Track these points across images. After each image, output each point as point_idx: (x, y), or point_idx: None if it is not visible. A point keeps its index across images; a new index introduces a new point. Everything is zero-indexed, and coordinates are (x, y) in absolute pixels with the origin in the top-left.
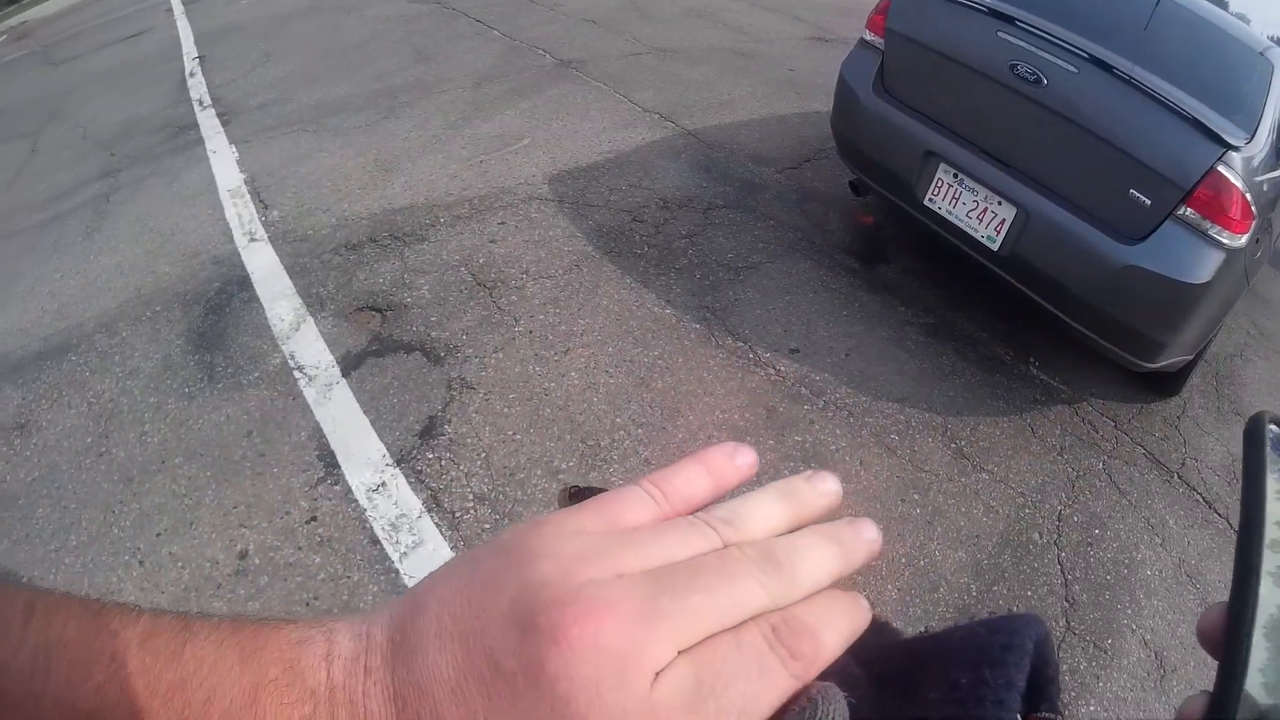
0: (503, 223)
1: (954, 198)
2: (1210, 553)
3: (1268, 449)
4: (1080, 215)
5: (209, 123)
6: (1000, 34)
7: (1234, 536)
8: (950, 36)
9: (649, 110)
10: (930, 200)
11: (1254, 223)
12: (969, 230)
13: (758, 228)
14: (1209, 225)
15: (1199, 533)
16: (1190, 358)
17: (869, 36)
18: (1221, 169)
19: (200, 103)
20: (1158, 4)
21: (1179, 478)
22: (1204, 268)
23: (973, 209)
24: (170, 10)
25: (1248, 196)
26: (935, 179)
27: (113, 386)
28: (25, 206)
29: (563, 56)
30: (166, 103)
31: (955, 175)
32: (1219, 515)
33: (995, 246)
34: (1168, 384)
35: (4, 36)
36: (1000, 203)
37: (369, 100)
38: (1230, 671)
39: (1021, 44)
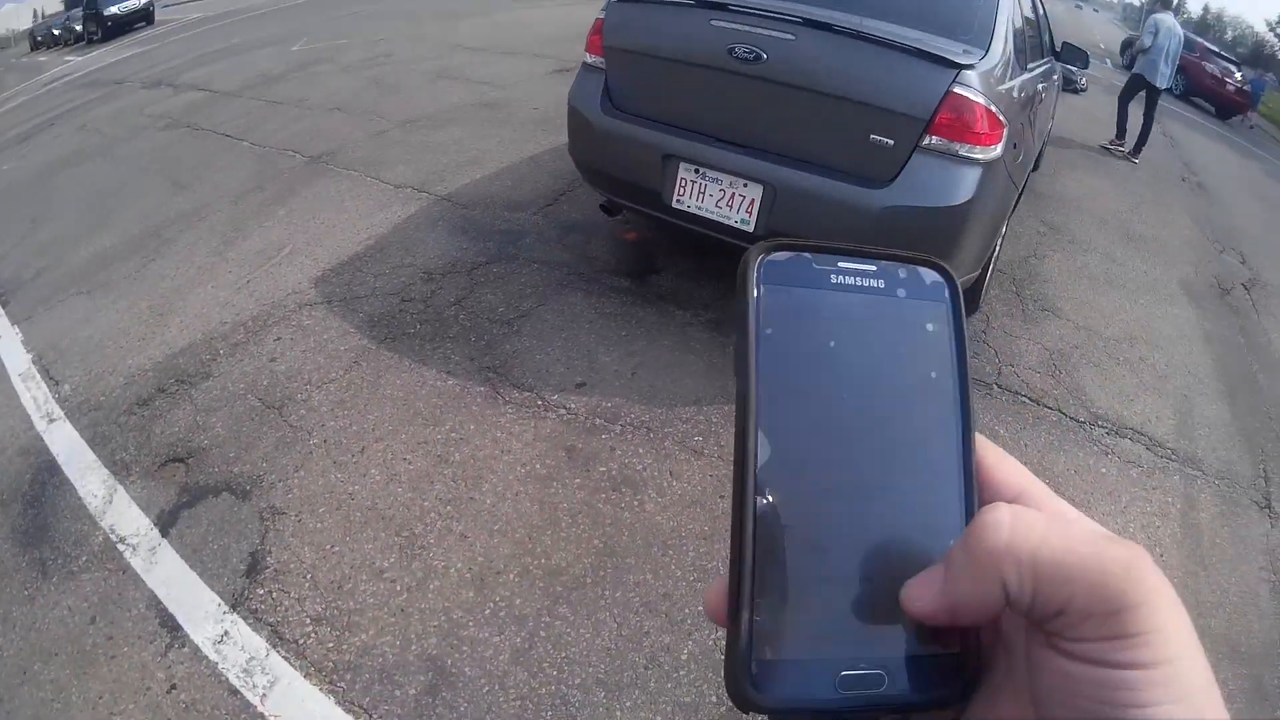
0: (279, 339)
1: (700, 192)
2: (1052, 445)
3: (754, 282)
4: (828, 175)
5: None
6: (714, 23)
7: (1069, 422)
8: (665, 38)
9: (401, 186)
10: (679, 201)
11: (1004, 130)
12: (722, 220)
13: (524, 274)
14: (958, 146)
15: (1034, 431)
16: (977, 273)
17: (590, 59)
18: (958, 89)
19: None
20: None
21: (999, 387)
22: (962, 187)
23: (720, 198)
24: None
25: (992, 108)
26: (679, 179)
27: None
28: None
29: (312, 153)
30: None
31: (696, 170)
32: (1049, 409)
33: (750, 228)
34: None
35: None
36: (746, 185)
37: (135, 245)
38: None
39: (736, 26)
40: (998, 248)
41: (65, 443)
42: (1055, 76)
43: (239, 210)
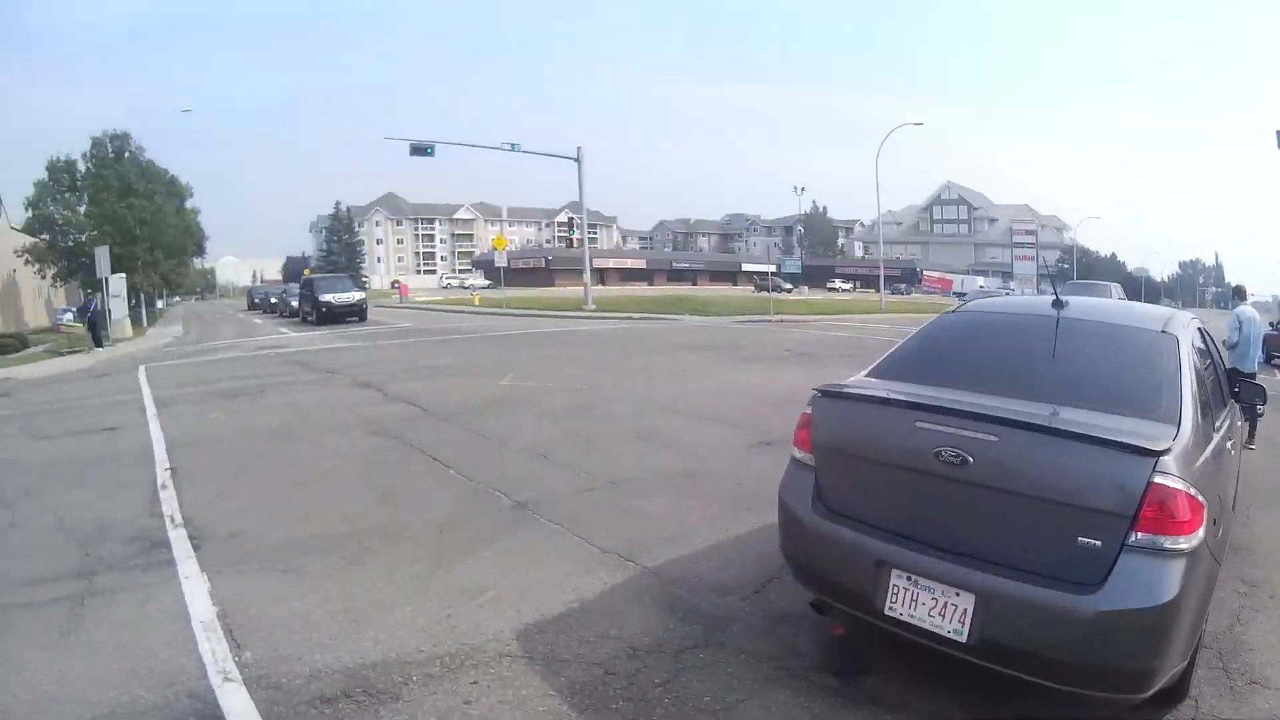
0: (475, 682)
1: (913, 600)
2: None
3: None
4: (1037, 581)
5: (181, 545)
6: (919, 424)
7: None
8: (872, 438)
9: (608, 551)
10: (891, 608)
11: (1204, 511)
12: (935, 629)
13: (731, 664)
14: (1163, 540)
15: None
16: (1185, 663)
17: (798, 454)
18: (1158, 479)
19: (172, 519)
20: (1057, 327)
21: None
22: (1170, 583)
23: (933, 607)
24: (144, 410)
25: (1191, 492)
26: (890, 586)
27: None
28: (1, 582)
29: (519, 498)
30: (139, 512)
31: (909, 579)
32: None
33: (964, 638)
34: (1172, 693)
35: None
36: (958, 594)
37: (336, 543)
38: None
39: (940, 428)
40: (1204, 630)
41: (239, 708)
42: (1238, 422)
43: (444, 541)
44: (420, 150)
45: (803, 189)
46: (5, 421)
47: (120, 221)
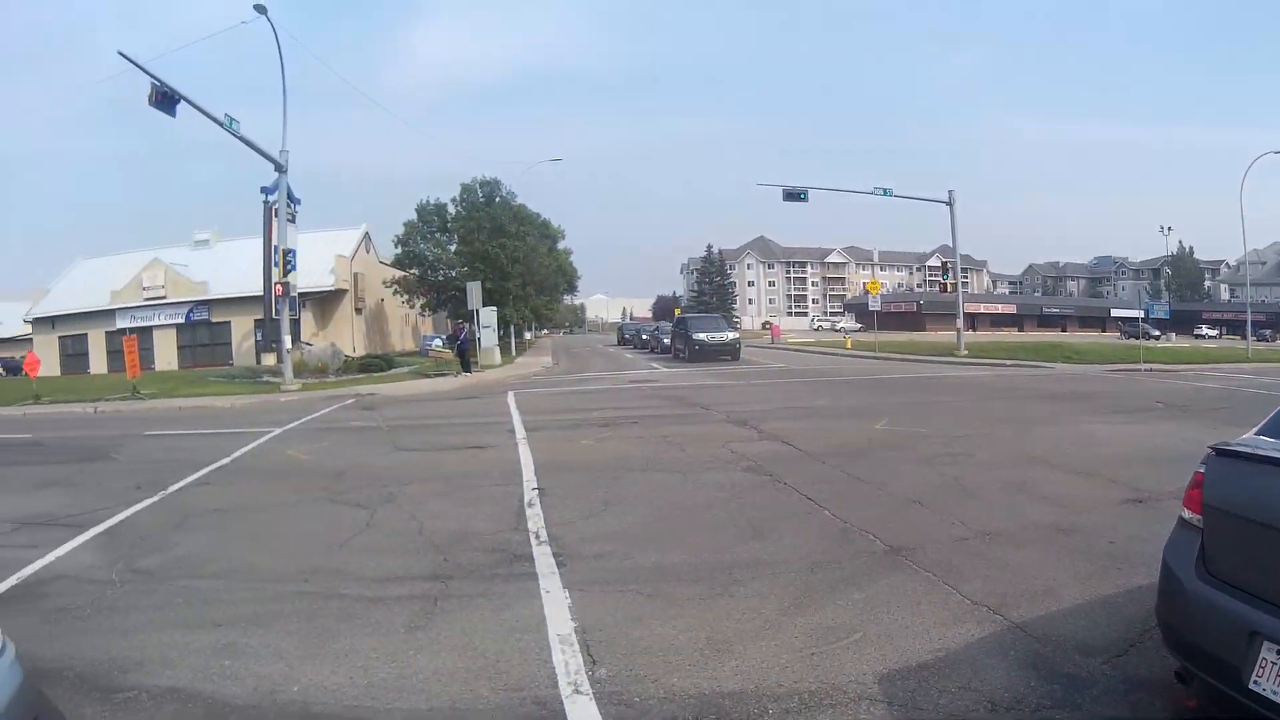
0: None
1: (1278, 677)
2: None
3: None
4: None
5: (544, 560)
6: None
7: None
8: (1267, 502)
9: (978, 603)
10: (1255, 683)
11: None
12: None
13: None
14: None
15: None
16: None
17: (1187, 515)
18: None
19: (537, 536)
20: None
21: None
22: None
23: None
24: (513, 433)
25: None
26: (1259, 660)
27: None
28: (352, 575)
29: (892, 542)
30: (502, 526)
31: (1278, 652)
32: None
33: None
34: None
35: (352, 400)
36: None
37: (704, 573)
38: None
39: None
40: None
41: None
42: None
43: (814, 579)
44: (793, 196)
45: (1169, 228)
46: (371, 433)
47: (492, 260)
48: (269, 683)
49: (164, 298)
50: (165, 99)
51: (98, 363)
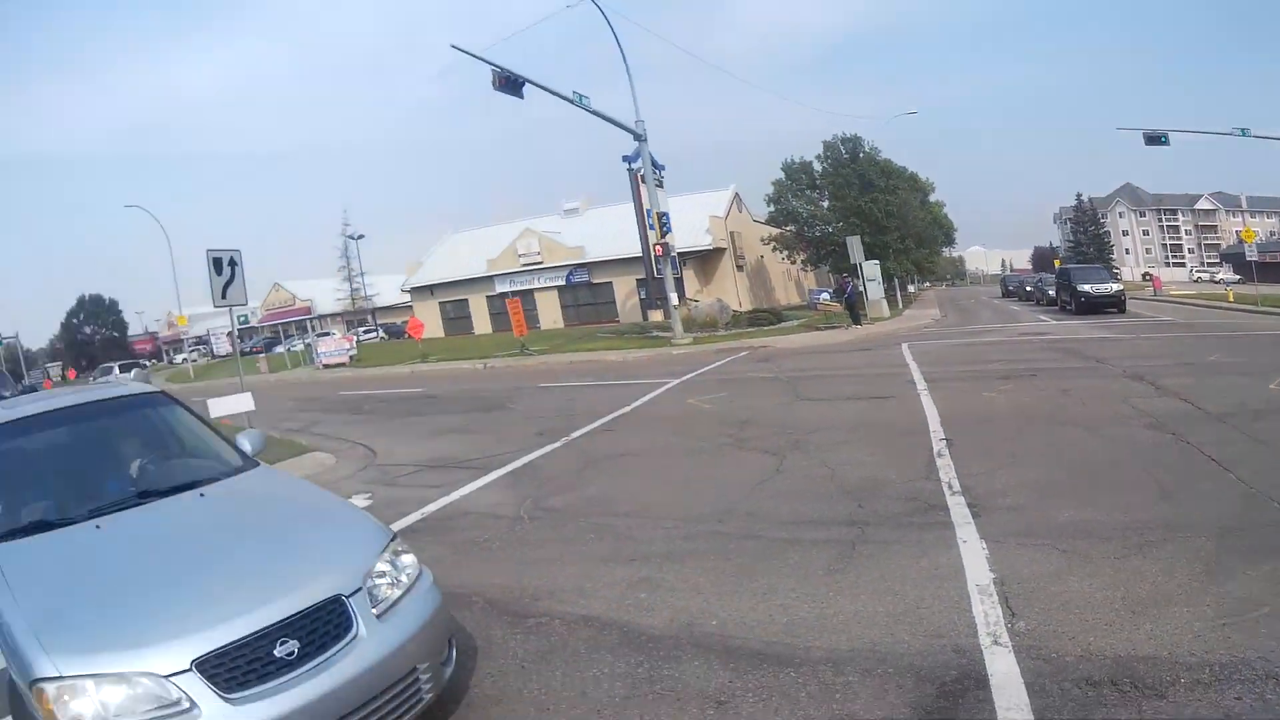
0: (1239, 698)
1: None
2: None
3: None
4: None
5: (959, 510)
6: None
7: None
8: None
9: None
10: None
11: None
12: None
13: None
14: None
15: None
16: None
17: None
18: None
19: (950, 487)
20: None
21: None
22: None
23: None
24: (913, 384)
25: None
26: None
27: (825, 715)
28: (767, 518)
29: None
30: (914, 476)
31: None
32: None
33: None
34: None
35: (745, 353)
36: None
37: (1115, 531)
38: None
39: None
40: None
41: (1003, 671)
42: None
43: (1224, 545)
44: (1155, 139)
45: None
46: (770, 384)
47: (867, 214)
48: (686, 615)
49: (541, 263)
50: (509, 83)
51: (481, 325)
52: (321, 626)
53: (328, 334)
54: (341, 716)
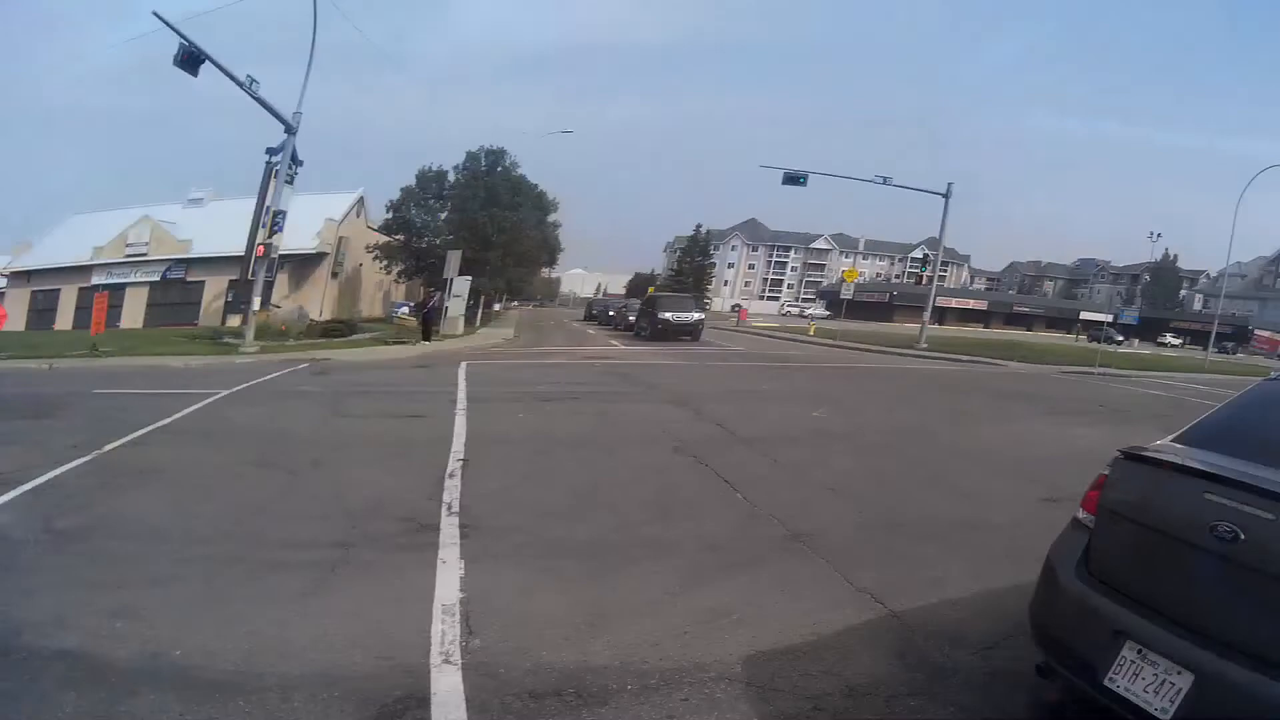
0: (685, 699)
1: (1133, 674)
2: None
3: None
4: (1268, 671)
5: (449, 530)
6: (1207, 495)
7: None
8: (1158, 506)
9: (861, 590)
10: (1110, 680)
11: None
12: (1143, 705)
13: (937, 715)
14: None
15: None
16: None
17: (1081, 515)
18: None
19: (449, 507)
20: None
21: None
22: None
23: (1150, 682)
24: (454, 403)
25: None
26: (1118, 658)
27: None
28: (261, 539)
29: (795, 528)
30: (420, 495)
31: (1139, 652)
32: None
33: (1167, 717)
34: None
35: (305, 365)
36: (1179, 672)
37: (604, 549)
38: None
39: (1224, 501)
40: None
41: (448, 690)
42: None
43: (707, 560)
44: (793, 179)
45: (1158, 235)
46: (315, 398)
47: (479, 229)
48: (154, 645)
49: (146, 255)
50: (190, 59)
51: (65, 319)
52: None
53: None
54: None
